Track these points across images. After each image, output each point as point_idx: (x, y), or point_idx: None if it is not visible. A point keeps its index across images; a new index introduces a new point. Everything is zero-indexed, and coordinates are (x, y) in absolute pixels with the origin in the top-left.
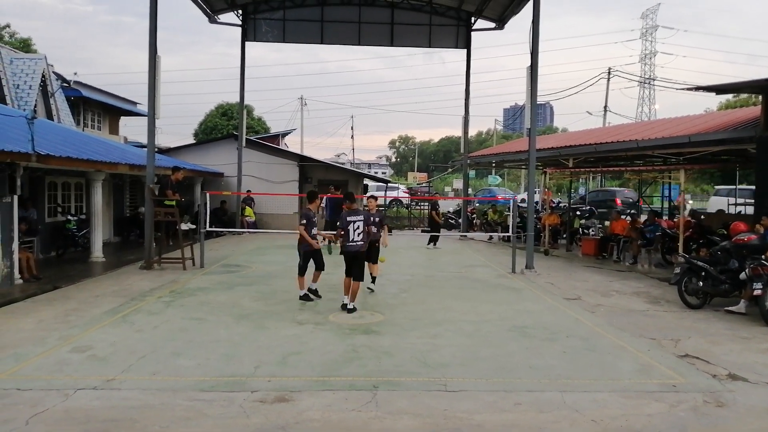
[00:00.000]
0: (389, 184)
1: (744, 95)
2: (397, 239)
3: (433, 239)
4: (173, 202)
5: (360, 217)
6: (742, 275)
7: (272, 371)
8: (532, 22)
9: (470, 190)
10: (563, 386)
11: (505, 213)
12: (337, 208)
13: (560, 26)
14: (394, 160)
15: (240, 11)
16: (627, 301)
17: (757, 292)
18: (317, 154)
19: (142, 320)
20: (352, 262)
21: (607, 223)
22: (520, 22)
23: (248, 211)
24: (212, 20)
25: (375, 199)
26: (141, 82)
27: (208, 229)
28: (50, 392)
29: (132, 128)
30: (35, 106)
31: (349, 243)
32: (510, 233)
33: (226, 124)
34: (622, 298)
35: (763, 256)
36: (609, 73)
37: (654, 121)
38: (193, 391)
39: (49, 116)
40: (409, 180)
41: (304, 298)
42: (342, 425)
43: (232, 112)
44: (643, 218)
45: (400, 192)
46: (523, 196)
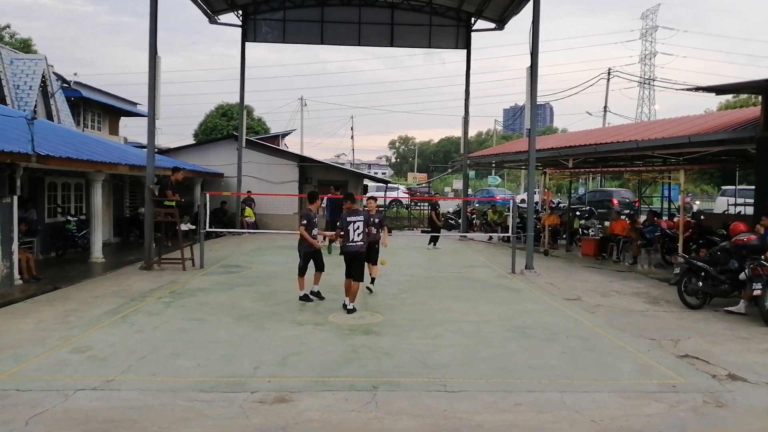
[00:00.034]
0: (389, 185)
1: (744, 96)
2: (397, 240)
3: (433, 240)
4: (173, 203)
5: (360, 217)
6: (742, 275)
7: (272, 372)
8: (532, 22)
9: (470, 191)
10: (563, 386)
11: (505, 213)
12: (338, 209)
13: (560, 27)
14: (393, 160)
15: (240, 12)
16: (627, 301)
17: (757, 293)
18: (317, 154)
19: (141, 321)
20: (351, 262)
21: (607, 223)
22: (520, 22)
23: (248, 211)
24: (212, 21)
25: (374, 200)
26: (141, 82)
27: (207, 229)
28: (50, 393)
29: (132, 129)
30: (35, 106)
31: (349, 243)
32: (510, 234)
33: (226, 125)
34: (622, 298)
35: (763, 257)
36: (609, 73)
37: (654, 122)
38: (193, 392)
39: (49, 117)
40: (408, 180)
41: (304, 298)
42: (342, 426)
43: (232, 112)
44: (642, 218)
45: (400, 192)
46: (523, 197)
